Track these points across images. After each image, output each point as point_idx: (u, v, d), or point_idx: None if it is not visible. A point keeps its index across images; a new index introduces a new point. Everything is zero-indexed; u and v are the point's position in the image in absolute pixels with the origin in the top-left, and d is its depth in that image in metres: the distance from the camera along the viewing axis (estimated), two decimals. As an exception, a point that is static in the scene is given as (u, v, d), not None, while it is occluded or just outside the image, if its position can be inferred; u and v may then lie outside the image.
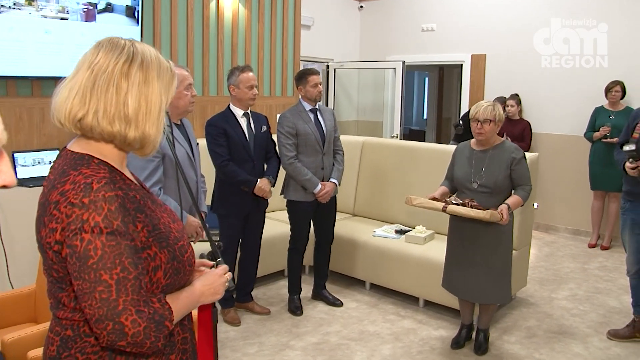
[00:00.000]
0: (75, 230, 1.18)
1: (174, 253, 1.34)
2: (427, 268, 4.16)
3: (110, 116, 1.25)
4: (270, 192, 3.87)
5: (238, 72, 3.78)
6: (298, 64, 6.40)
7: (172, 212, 1.47)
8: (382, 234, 4.63)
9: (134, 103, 1.27)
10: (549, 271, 5.28)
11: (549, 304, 4.44)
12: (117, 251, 1.19)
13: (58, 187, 1.22)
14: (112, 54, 1.27)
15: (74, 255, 1.18)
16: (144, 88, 1.28)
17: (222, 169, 3.75)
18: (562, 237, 6.57)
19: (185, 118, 3.22)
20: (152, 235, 1.29)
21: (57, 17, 4.12)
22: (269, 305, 4.26)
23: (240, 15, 5.72)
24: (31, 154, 4.09)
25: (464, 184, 3.44)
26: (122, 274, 1.18)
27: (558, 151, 6.64)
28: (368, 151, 5.26)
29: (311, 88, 4.00)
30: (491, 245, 3.38)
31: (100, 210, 1.18)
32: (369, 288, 4.67)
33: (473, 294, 3.48)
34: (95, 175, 1.23)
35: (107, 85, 1.25)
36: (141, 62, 1.28)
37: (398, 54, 7.82)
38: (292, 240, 4.21)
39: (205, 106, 5.44)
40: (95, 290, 1.17)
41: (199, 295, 1.41)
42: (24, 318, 2.92)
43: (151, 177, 2.83)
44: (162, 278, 1.31)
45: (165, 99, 1.34)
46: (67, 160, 1.28)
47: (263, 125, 3.93)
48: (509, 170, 3.36)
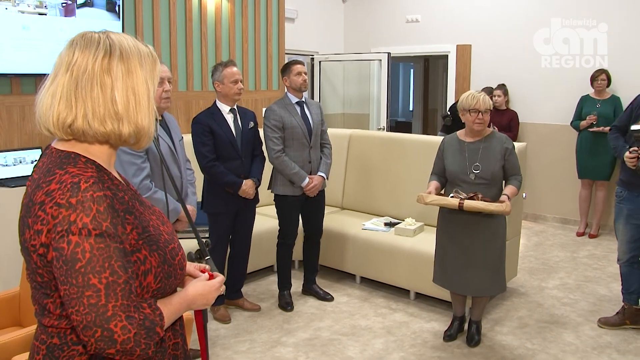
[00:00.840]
0: (62, 232, 1.13)
1: (165, 256, 1.29)
2: (418, 260, 4.15)
3: (101, 116, 1.21)
4: (254, 193, 3.85)
5: (222, 67, 3.73)
6: (283, 57, 6.35)
7: (161, 214, 1.43)
8: (371, 227, 4.62)
9: (121, 98, 1.22)
10: (539, 260, 5.31)
11: (540, 294, 4.46)
12: (107, 254, 1.14)
13: (43, 187, 1.18)
14: (89, 51, 1.22)
15: (61, 258, 1.13)
16: (129, 80, 1.24)
17: (207, 170, 3.71)
18: (551, 226, 6.62)
19: (169, 113, 3.17)
20: (142, 237, 1.25)
21: (35, 12, 4.03)
22: (259, 302, 4.24)
23: (224, 8, 5.65)
24: (12, 153, 4.01)
25: (459, 177, 3.41)
26: (111, 277, 1.14)
27: (545, 141, 6.67)
28: (355, 144, 5.23)
29: (295, 77, 3.97)
30: (487, 237, 3.37)
31: (88, 210, 1.14)
32: (359, 282, 4.66)
33: (470, 287, 3.46)
34: (83, 174, 1.18)
35: (91, 84, 1.20)
36: (120, 53, 1.24)
37: (383, 46, 7.80)
38: (280, 235, 4.18)
39: (189, 101, 5.38)
40: (84, 295, 1.12)
41: (191, 302, 1.36)
42: (8, 322, 2.86)
43: (140, 172, 2.80)
44: (152, 282, 1.27)
45: (152, 86, 1.29)
46: (52, 158, 1.23)
47: (250, 121, 3.89)
48: (503, 160, 3.37)
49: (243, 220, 3.94)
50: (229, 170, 3.72)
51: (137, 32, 4.89)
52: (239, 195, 3.77)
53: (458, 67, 7.33)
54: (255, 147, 3.94)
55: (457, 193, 3.31)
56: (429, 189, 3.42)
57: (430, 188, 3.42)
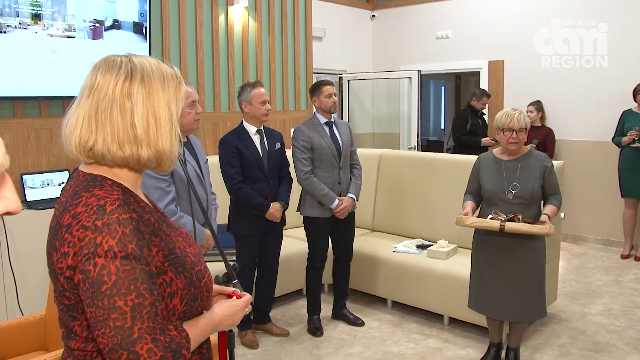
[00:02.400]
0: (88, 255, 1.15)
1: (191, 278, 1.30)
2: (451, 284, 4.09)
3: (120, 141, 1.23)
4: (281, 217, 3.86)
5: (249, 88, 3.77)
6: (311, 76, 6.40)
7: (188, 235, 1.44)
8: (403, 250, 4.57)
9: (141, 122, 1.24)
10: (580, 284, 5.17)
11: (582, 320, 4.34)
12: (132, 276, 1.16)
13: (70, 210, 1.20)
14: (110, 75, 1.25)
15: (87, 280, 1.15)
16: (149, 103, 1.25)
17: (235, 192, 3.74)
18: (592, 248, 6.45)
19: (193, 135, 3.21)
20: (168, 260, 1.27)
21: (63, 35, 4.16)
22: (288, 327, 4.21)
23: (250, 28, 5.74)
24: (40, 175, 4.11)
25: (496, 195, 3.36)
26: (137, 300, 1.15)
27: (584, 158, 6.54)
28: (385, 164, 5.22)
29: (325, 98, 3.99)
30: (527, 259, 3.30)
31: (114, 233, 1.16)
32: (390, 306, 4.61)
33: (508, 312, 3.38)
34: (109, 197, 1.21)
35: (111, 109, 1.23)
36: (141, 77, 1.26)
37: (413, 63, 7.80)
38: (310, 258, 4.17)
39: (216, 122, 5.45)
40: (109, 318, 1.13)
41: (217, 324, 1.38)
42: (34, 346, 2.90)
43: (165, 196, 2.83)
44: (178, 305, 1.28)
45: (175, 108, 1.31)
46: (79, 181, 1.26)
47: (277, 142, 3.92)
48: (542, 180, 3.31)
49: (270, 243, 3.94)
50: (255, 191, 3.74)
51: (164, 53, 5.00)
52: (265, 217, 3.78)
53: (491, 84, 7.28)
54: (282, 169, 3.96)
55: (497, 214, 3.25)
56: (465, 209, 3.36)
57: (467, 209, 3.36)
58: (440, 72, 8.05)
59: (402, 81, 7.58)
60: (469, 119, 6.61)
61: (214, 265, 3.58)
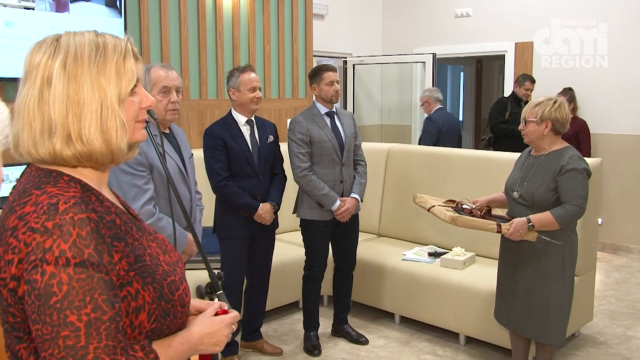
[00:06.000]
0: (35, 262, 1.11)
1: (162, 291, 1.27)
2: (468, 297, 4.08)
3: (37, 136, 1.21)
4: (271, 219, 3.84)
5: (238, 73, 3.76)
6: (311, 60, 6.39)
7: (165, 241, 1.41)
8: (412, 258, 4.58)
9: (60, 112, 1.21)
10: (622, 302, 5.12)
11: (625, 344, 4.28)
12: (88, 286, 1.12)
13: (17, 210, 1.17)
14: (35, 58, 1.22)
15: (33, 292, 1.11)
16: (70, 88, 1.21)
17: (219, 190, 3.72)
18: (636, 259, 6.41)
19: (177, 126, 3.18)
20: (134, 268, 1.23)
21: (20, 5, 4.06)
22: (281, 344, 4.21)
23: (242, 4, 5.72)
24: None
25: (508, 192, 3.47)
26: (93, 314, 1.11)
27: (624, 155, 6.51)
28: (394, 160, 5.22)
29: (326, 86, 3.98)
30: (538, 277, 3.28)
31: (67, 235, 1.12)
32: (398, 322, 4.61)
33: (511, 322, 3.43)
34: (63, 194, 1.17)
35: (27, 98, 1.21)
36: (65, 57, 1.21)
37: (427, 46, 7.79)
38: (307, 267, 4.16)
39: (203, 111, 5.44)
40: (59, 336, 1.09)
41: (195, 344, 1.33)
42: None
43: (142, 195, 2.80)
44: (145, 321, 1.24)
45: (115, 90, 1.25)
46: (30, 177, 1.24)
47: (270, 134, 3.90)
48: (554, 182, 3.22)
49: (260, 247, 3.92)
50: (243, 189, 3.72)
51: (142, 31, 4.97)
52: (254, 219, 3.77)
53: (517, 69, 7.25)
54: (275, 165, 3.95)
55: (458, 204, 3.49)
56: (488, 196, 3.58)
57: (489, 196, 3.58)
58: (458, 55, 8.04)
59: (415, 66, 7.58)
60: (508, 107, 6.59)
61: (197, 274, 3.57)
